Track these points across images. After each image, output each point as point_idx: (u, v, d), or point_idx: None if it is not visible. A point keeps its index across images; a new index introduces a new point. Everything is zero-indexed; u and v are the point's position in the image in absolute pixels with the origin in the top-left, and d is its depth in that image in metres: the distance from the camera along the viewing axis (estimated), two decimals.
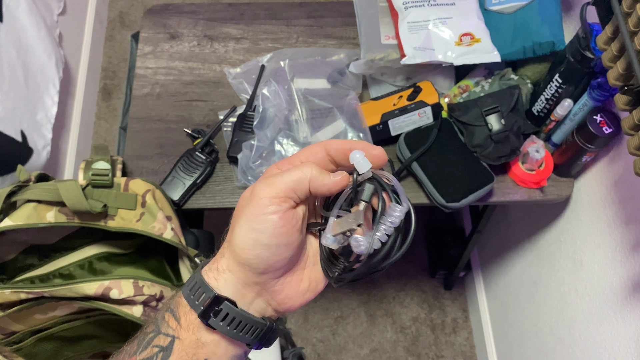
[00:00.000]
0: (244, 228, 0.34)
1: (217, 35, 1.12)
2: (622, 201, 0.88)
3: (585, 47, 0.82)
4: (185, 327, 0.35)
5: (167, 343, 0.35)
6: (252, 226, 0.34)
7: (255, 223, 0.34)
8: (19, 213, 0.74)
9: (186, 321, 0.35)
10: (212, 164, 0.95)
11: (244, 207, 0.35)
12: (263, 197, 0.34)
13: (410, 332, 1.61)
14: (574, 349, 1.03)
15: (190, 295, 0.35)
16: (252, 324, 0.36)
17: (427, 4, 0.99)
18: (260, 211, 0.34)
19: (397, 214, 0.34)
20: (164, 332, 0.35)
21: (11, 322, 0.76)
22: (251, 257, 0.34)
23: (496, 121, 0.91)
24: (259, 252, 0.34)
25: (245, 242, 0.34)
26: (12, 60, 1.20)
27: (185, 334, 0.35)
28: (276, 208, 0.34)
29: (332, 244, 0.36)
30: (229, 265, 0.36)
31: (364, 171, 0.35)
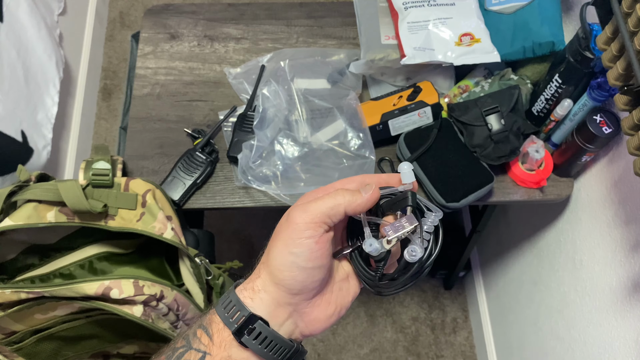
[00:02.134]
0: (281, 251, 0.37)
1: (217, 35, 1.12)
2: (621, 201, 0.88)
3: (585, 47, 0.83)
4: (217, 344, 0.36)
5: (198, 359, 0.36)
6: (290, 250, 0.36)
7: (293, 247, 0.36)
8: (19, 213, 0.74)
9: (219, 338, 0.36)
10: (212, 163, 0.95)
11: (281, 232, 0.38)
12: (300, 223, 0.36)
13: (410, 332, 1.61)
14: (573, 349, 1.03)
15: (224, 312, 0.37)
16: (282, 345, 0.37)
17: (427, 4, 0.99)
18: (297, 235, 0.36)
19: (433, 219, 0.39)
20: (195, 348, 0.36)
21: (11, 322, 0.76)
22: (288, 278, 0.36)
23: (496, 121, 0.91)
24: (295, 273, 0.36)
25: (283, 264, 0.36)
26: (12, 60, 1.20)
27: (217, 350, 0.36)
28: (312, 233, 0.36)
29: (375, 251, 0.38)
30: (264, 286, 0.37)
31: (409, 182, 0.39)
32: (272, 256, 0.37)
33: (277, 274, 0.37)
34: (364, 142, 0.94)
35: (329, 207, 0.36)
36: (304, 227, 0.36)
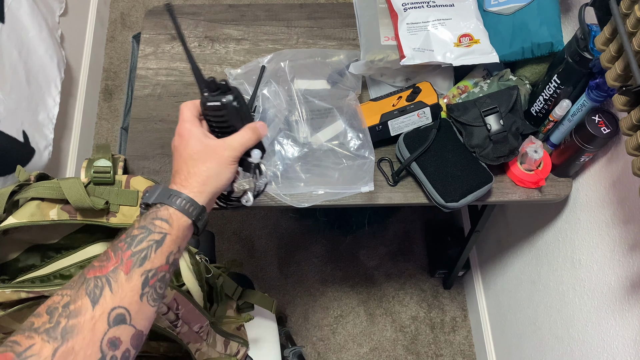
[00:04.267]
0: (219, 171, 0.59)
1: (217, 36, 1.12)
2: (620, 201, 0.88)
3: (583, 48, 0.83)
4: (176, 228, 0.54)
5: (160, 238, 0.52)
6: (225, 174, 0.59)
7: (227, 172, 0.60)
8: (22, 211, 0.75)
9: (178, 225, 0.54)
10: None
11: (209, 160, 0.58)
12: (229, 157, 0.59)
13: (409, 331, 1.61)
14: (572, 348, 1.04)
15: (184, 208, 0.55)
16: (205, 216, 0.59)
17: (426, 6, 1.00)
18: (227, 162, 0.60)
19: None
20: (157, 232, 0.52)
21: (12, 322, 0.77)
22: (221, 187, 0.60)
23: (495, 121, 0.92)
24: (226, 186, 0.61)
25: (221, 181, 0.59)
26: (14, 61, 1.21)
27: (175, 231, 0.54)
28: (234, 162, 0.61)
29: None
30: (205, 190, 0.58)
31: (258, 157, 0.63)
32: (212, 173, 0.58)
33: (216, 184, 0.58)
34: (364, 142, 0.95)
35: (246, 140, 0.61)
36: (234, 158, 0.60)
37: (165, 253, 0.52)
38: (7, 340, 0.42)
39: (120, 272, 0.48)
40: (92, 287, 0.47)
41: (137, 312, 0.48)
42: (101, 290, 0.46)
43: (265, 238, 1.71)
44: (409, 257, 1.70)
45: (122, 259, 0.49)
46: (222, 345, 0.90)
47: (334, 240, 1.71)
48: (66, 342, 0.42)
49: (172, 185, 0.57)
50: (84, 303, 0.45)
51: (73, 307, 0.45)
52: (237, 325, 0.95)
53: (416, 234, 1.73)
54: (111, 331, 0.45)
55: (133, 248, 0.50)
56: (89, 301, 0.45)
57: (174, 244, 0.53)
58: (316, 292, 1.65)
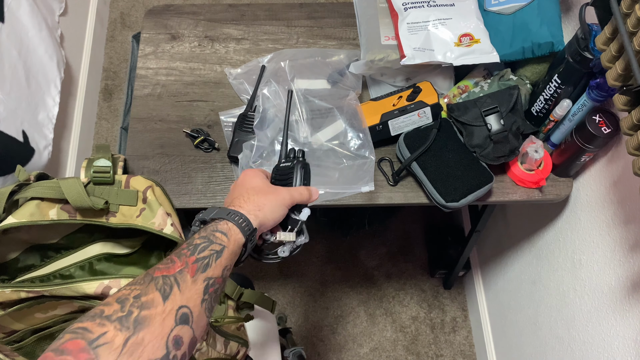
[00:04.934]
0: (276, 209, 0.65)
1: (217, 35, 1.12)
2: (620, 201, 0.88)
3: (584, 47, 0.83)
4: (232, 242, 0.57)
5: (220, 249, 0.55)
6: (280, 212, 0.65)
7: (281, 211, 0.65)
8: (22, 211, 0.75)
9: (234, 240, 0.58)
10: None
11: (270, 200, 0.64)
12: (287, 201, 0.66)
13: (409, 331, 1.61)
14: (572, 348, 1.04)
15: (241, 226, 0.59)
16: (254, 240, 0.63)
17: (426, 5, 0.99)
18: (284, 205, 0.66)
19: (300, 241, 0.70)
20: (218, 243, 0.56)
21: (12, 321, 0.77)
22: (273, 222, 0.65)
23: (495, 121, 0.92)
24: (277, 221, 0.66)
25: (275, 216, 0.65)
26: (13, 61, 1.21)
27: (232, 246, 0.57)
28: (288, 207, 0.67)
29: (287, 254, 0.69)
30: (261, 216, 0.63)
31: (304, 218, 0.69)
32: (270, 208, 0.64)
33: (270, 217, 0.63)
34: (364, 142, 0.95)
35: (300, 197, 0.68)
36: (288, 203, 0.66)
37: (222, 265, 0.54)
38: (73, 327, 0.41)
39: (186, 275, 0.50)
40: (161, 284, 0.47)
41: (197, 317, 0.49)
42: (171, 288, 0.47)
43: None
44: (409, 257, 1.70)
45: (187, 263, 0.51)
46: (222, 345, 0.90)
47: (334, 240, 1.71)
48: (137, 333, 0.42)
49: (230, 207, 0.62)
50: (155, 297, 0.45)
51: (144, 299, 0.45)
52: (237, 325, 0.95)
53: (416, 234, 1.73)
54: (177, 329, 0.45)
55: (197, 255, 0.53)
56: (159, 296, 0.46)
57: (229, 258, 0.56)
58: (316, 292, 1.65)
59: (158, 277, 0.48)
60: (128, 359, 0.40)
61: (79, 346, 0.39)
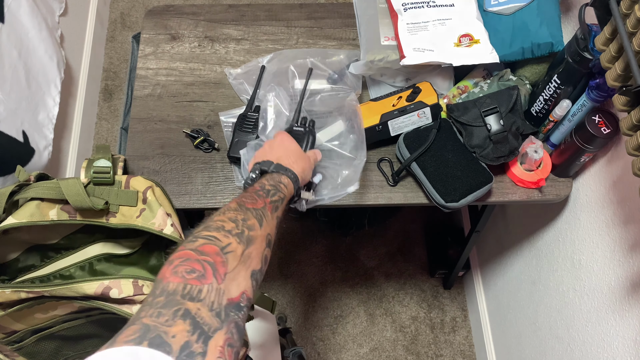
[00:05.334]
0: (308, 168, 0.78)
1: (217, 36, 1.12)
2: (620, 201, 0.88)
3: (583, 48, 0.83)
4: (289, 192, 0.70)
5: (282, 197, 0.67)
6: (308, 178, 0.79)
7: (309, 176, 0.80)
8: (22, 211, 0.75)
9: (290, 189, 0.70)
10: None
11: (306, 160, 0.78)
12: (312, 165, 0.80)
13: (409, 331, 1.61)
14: (572, 348, 1.04)
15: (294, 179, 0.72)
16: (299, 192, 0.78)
17: (426, 6, 1.00)
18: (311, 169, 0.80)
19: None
20: (281, 191, 0.67)
21: (12, 321, 0.77)
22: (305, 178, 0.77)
23: (495, 122, 0.92)
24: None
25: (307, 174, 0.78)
26: (13, 61, 1.21)
27: (288, 194, 0.70)
28: None
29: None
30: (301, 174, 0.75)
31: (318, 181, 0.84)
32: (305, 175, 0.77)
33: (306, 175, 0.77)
34: (357, 144, 0.95)
35: (314, 163, 0.82)
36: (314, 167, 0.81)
37: (279, 214, 0.64)
38: (202, 234, 0.50)
39: (267, 211, 0.61)
40: (254, 213, 0.58)
41: (273, 244, 0.60)
42: (262, 218, 0.58)
43: None
44: (409, 257, 1.70)
45: (265, 203, 0.62)
46: None
47: (334, 240, 1.71)
48: (249, 247, 0.53)
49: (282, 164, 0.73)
50: (255, 223, 0.57)
51: (250, 223, 0.56)
52: None
53: (416, 234, 1.73)
54: (266, 250, 0.57)
55: (271, 197, 0.64)
56: (257, 222, 0.57)
57: (283, 208, 0.66)
58: (316, 292, 1.65)
59: (251, 209, 0.58)
60: (243, 265, 0.50)
61: (214, 250, 0.49)
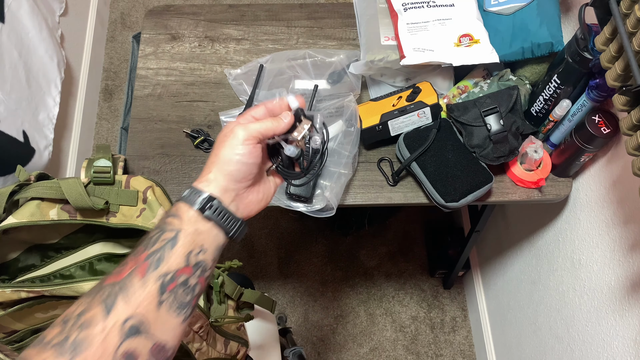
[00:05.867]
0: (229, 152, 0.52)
1: (218, 36, 1.12)
2: (620, 201, 0.88)
3: (583, 47, 0.83)
4: (186, 221, 0.49)
5: (173, 235, 0.48)
6: (235, 151, 0.51)
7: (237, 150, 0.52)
8: (22, 211, 0.75)
9: (187, 217, 0.49)
10: None
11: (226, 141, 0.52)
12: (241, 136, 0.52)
13: (409, 331, 1.61)
14: (572, 348, 1.04)
15: (189, 198, 0.50)
16: (233, 218, 0.52)
17: (426, 5, 1.00)
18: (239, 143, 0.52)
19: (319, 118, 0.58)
20: (169, 230, 0.48)
21: (12, 321, 0.77)
22: (234, 170, 0.52)
23: (495, 121, 0.92)
24: (239, 166, 0.52)
25: (231, 159, 0.52)
26: (14, 61, 1.21)
27: (186, 226, 0.48)
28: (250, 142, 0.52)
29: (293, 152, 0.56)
30: (215, 177, 0.52)
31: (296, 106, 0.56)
32: (222, 155, 0.52)
33: (226, 167, 0.51)
34: (352, 145, 0.95)
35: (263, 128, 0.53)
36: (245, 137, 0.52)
37: (181, 253, 0.47)
38: (18, 357, 0.41)
39: (135, 277, 0.45)
40: (106, 294, 0.43)
41: (155, 322, 0.44)
42: (115, 298, 0.43)
43: (265, 238, 1.71)
44: (409, 257, 1.70)
45: (138, 262, 0.46)
46: (222, 345, 0.90)
47: (334, 240, 1.71)
48: (76, 357, 0.40)
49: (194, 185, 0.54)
50: (97, 312, 0.42)
51: (86, 317, 0.42)
52: (237, 325, 0.95)
53: (416, 234, 1.73)
54: (126, 343, 0.42)
55: (148, 249, 0.47)
56: (102, 310, 0.42)
57: (192, 241, 0.48)
58: (316, 292, 1.65)
59: (106, 287, 0.44)
60: None
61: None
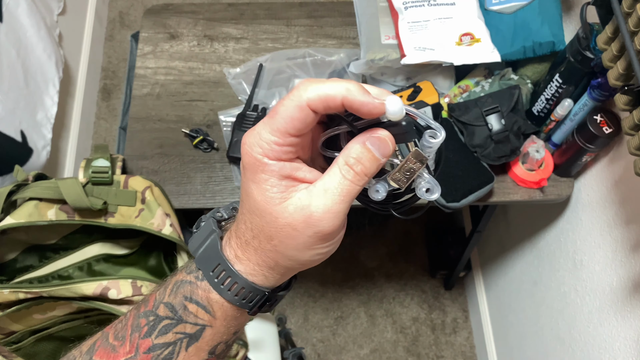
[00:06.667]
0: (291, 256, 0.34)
1: (217, 35, 1.12)
2: (622, 201, 0.87)
3: (585, 47, 0.82)
4: (220, 318, 0.35)
5: (195, 331, 0.34)
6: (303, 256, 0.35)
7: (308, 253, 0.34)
8: (20, 211, 0.74)
9: (223, 314, 0.34)
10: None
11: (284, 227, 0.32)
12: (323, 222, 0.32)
13: (410, 332, 1.60)
14: (574, 349, 1.03)
15: (236, 299, 0.34)
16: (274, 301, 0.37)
17: (427, 4, 0.99)
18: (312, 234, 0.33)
19: (435, 144, 0.33)
20: (191, 322, 0.34)
21: (10, 322, 0.76)
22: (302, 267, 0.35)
23: (496, 121, 0.91)
24: None
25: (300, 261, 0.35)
26: (12, 60, 1.20)
27: (219, 322, 0.35)
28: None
29: (380, 194, 0.35)
30: (265, 277, 0.34)
31: (399, 112, 0.31)
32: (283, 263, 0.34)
33: (287, 272, 0.36)
34: None
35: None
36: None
37: (204, 348, 0.35)
38: None
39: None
40: None
41: None
42: None
43: None
44: (410, 258, 1.69)
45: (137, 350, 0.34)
46: None
47: None
48: None
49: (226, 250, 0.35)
50: None
51: None
52: None
53: (417, 234, 1.72)
54: None
55: (154, 338, 0.34)
56: None
57: (220, 334, 0.35)
58: (316, 293, 1.64)
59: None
60: None
61: None
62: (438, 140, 0.33)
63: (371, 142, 0.31)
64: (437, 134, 0.33)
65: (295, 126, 0.30)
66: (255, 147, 0.31)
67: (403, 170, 0.33)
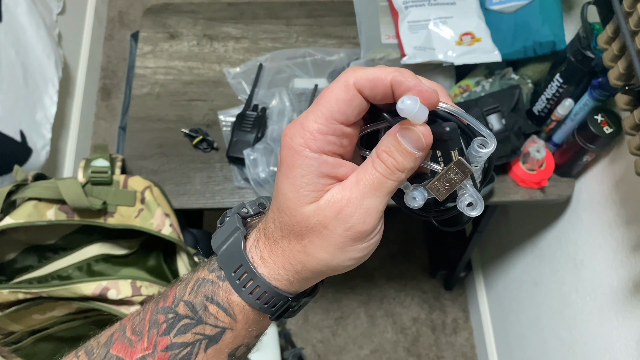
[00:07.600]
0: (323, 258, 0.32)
1: (216, 34, 1.11)
2: (623, 201, 0.87)
3: (586, 46, 0.82)
4: (241, 321, 0.34)
5: (215, 333, 0.34)
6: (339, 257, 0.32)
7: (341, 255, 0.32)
8: (19, 211, 0.74)
9: (244, 317, 0.34)
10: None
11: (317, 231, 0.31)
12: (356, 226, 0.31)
13: (410, 333, 1.60)
14: (574, 350, 1.03)
15: (250, 297, 0.33)
16: (298, 307, 0.36)
17: (427, 4, 0.99)
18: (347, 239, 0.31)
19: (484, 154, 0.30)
20: (211, 324, 0.33)
21: (9, 322, 0.76)
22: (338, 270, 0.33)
23: (497, 121, 0.91)
24: None
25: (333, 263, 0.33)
26: (11, 60, 1.20)
27: (240, 325, 0.34)
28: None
29: (417, 202, 0.33)
30: (289, 282, 0.33)
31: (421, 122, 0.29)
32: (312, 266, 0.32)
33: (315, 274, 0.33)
34: None
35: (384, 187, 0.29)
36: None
37: (224, 350, 0.34)
38: None
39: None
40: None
41: None
42: None
43: None
44: (410, 258, 1.69)
45: (155, 347, 0.33)
46: None
47: None
48: None
49: (255, 247, 0.34)
50: None
51: None
52: None
53: (417, 235, 1.72)
54: None
55: (172, 336, 0.33)
56: None
57: (240, 337, 0.35)
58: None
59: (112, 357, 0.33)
60: None
61: None
62: (487, 151, 0.30)
63: (402, 133, 0.29)
64: (487, 142, 0.30)
65: (340, 109, 0.28)
66: (296, 137, 0.29)
67: (443, 180, 0.31)
